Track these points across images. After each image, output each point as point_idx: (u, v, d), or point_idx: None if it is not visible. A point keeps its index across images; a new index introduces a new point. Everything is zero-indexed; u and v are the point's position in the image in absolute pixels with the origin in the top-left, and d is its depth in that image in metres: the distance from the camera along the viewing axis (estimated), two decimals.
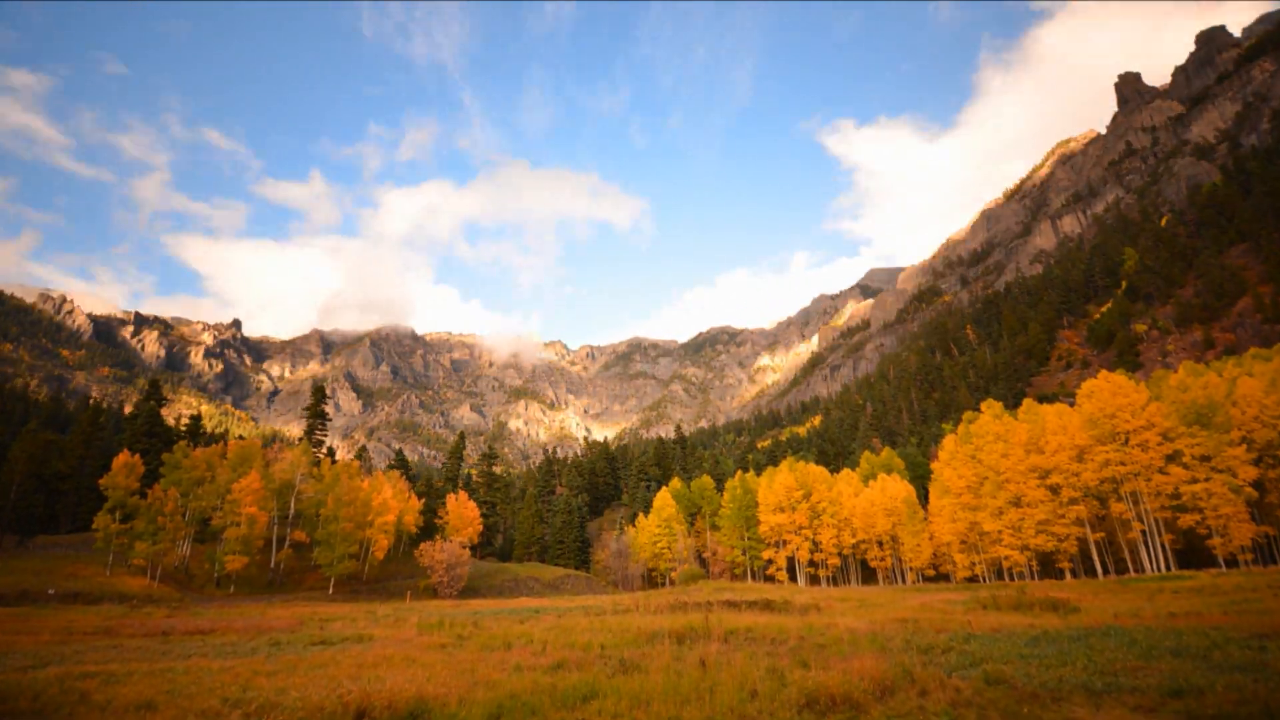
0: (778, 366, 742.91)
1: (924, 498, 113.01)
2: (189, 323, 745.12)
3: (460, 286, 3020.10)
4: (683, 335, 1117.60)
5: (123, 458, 77.53)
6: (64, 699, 15.93)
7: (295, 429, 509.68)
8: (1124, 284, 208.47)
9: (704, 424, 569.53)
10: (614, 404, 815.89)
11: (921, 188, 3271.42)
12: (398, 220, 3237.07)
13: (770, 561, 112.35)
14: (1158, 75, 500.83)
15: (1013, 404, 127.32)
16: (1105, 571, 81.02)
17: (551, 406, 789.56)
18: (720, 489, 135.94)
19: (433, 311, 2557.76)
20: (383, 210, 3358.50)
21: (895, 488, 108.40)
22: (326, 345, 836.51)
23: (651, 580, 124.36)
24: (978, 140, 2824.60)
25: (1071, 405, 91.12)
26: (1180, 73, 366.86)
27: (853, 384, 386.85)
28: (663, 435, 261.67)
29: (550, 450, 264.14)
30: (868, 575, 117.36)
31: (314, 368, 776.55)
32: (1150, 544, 74.01)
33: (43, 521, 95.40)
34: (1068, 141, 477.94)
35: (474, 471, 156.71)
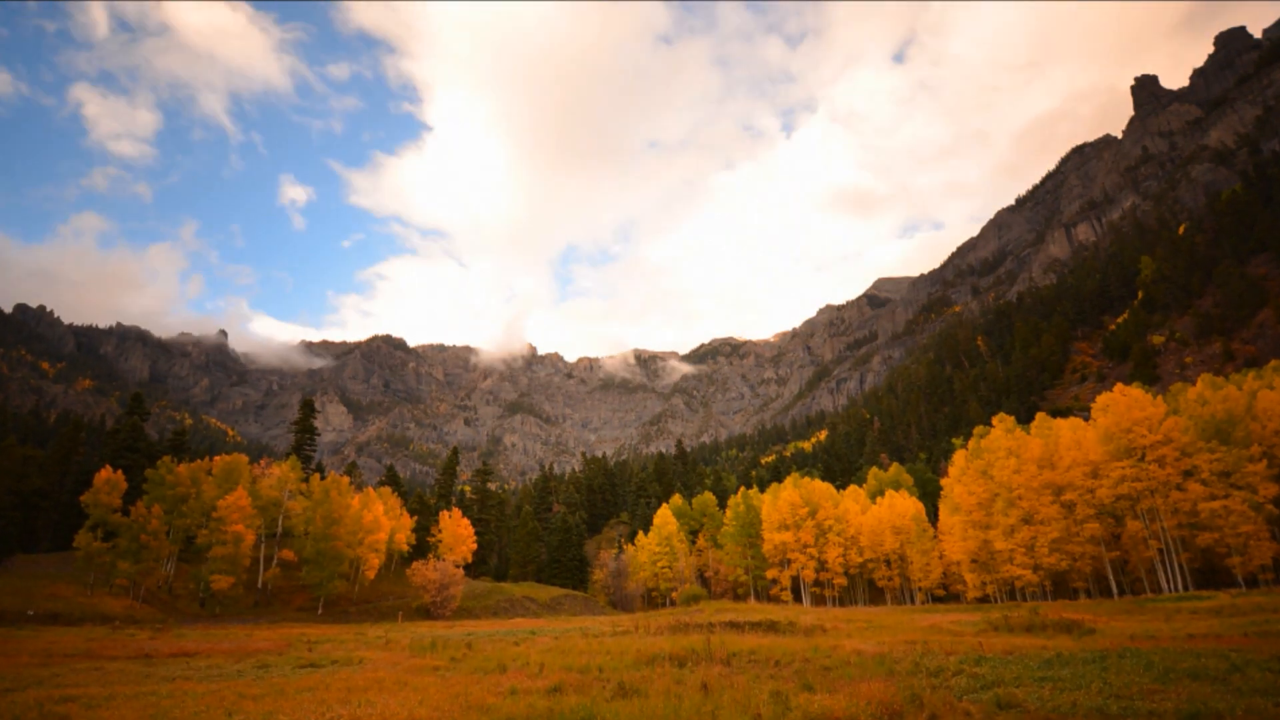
0: (782, 379, 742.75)
1: (933, 515, 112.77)
2: (174, 334, 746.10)
3: (454, 297, 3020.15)
4: (684, 347, 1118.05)
5: (104, 474, 77.33)
6: None
7: (283, 444, 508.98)
8: (1140, 294, 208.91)
9: (706, 439, 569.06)
10: (613, 418, 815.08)
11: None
12: None
13: (774, 581, 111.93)
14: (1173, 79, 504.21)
15: (1025, 418, 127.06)
16: (1121, 592, 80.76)
17: (548, 421, 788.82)
18: (723, 506, 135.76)
19: (425, 323, 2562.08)
20: None
21: (904, 505, 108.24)
22: (315, 357, 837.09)
23: (651, 600, 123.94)
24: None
25: (1086, 419, 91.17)
26: (1198, 75, 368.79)
27: (859, 397, 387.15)
28: (663, 450, 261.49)
29: (547, 466, 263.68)
30: (875, 595, 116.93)
31: (302, 381, 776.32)
32: (1167, 563, 73.84)
33: (21, 540, 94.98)
34: (1082, 146, 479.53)
35: (468, 488, 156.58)
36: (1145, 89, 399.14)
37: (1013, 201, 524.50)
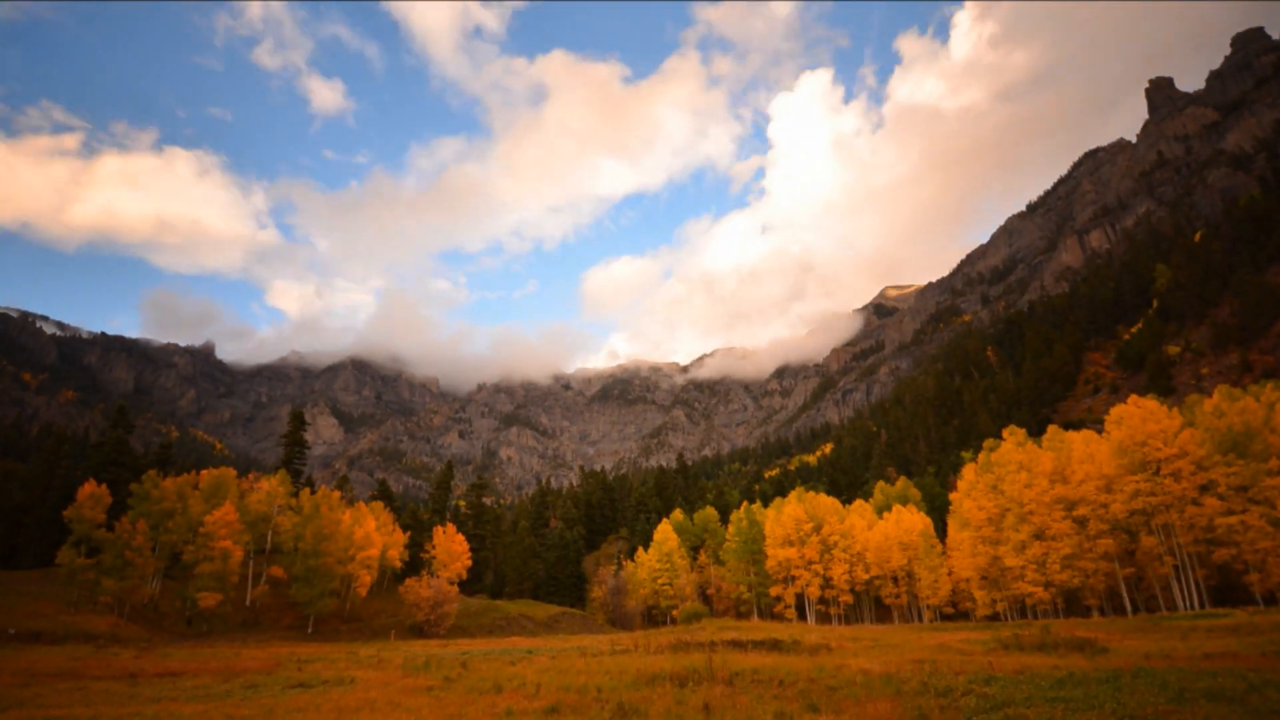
0: (786, 390, 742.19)
1: (942, 531, 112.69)
2: (159, 345, 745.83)
3: (448, 306, 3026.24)
4: (685, 357, 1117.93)
5: (88, 488, 77.30)
6: None
7: (272, 457, 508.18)
8: (1155, 303, 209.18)
9: (707, 452, 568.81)
10: (612, 430, 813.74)
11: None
12: None
13: (778, 599, 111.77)
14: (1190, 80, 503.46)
15: (1037, 431, 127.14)
16: (1135, 609, 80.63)
17: (545, 434, 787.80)
18: (725, 521, 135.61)
19: (419, 332, 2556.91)
20: None
21: (911, 520, 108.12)
22: (305, 368, 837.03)
23: (651, 618, 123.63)
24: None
25: (1099, 432, 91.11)
26: (1215, 78, 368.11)
27: (866, 409, 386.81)
28: (664, 464, 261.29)
29: (544, 480, 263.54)
30: (882, 613, 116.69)
31: (292, 392, 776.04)
32: (1183, 580, 73.77)
33: (2, 556, 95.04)
34: (1095, 150, 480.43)
35: (462, 503, 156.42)
36: (1160, 91, 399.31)
37: (1024, 207, 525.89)
